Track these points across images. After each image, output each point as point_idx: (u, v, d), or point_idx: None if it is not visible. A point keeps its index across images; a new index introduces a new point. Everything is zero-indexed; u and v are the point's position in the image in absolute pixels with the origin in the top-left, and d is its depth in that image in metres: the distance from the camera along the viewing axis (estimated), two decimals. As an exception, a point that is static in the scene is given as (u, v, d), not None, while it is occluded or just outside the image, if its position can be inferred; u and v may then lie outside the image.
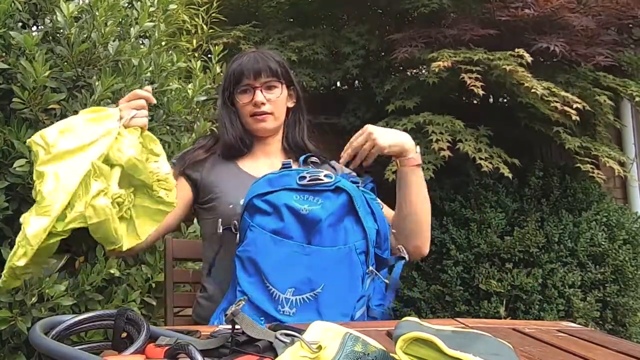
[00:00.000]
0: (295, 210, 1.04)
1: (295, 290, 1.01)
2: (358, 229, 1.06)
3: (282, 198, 1.06)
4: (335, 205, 1.05)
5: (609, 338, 0.96)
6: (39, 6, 1.45)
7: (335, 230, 1.04)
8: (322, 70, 2.91)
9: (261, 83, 1.29)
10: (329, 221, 1.04)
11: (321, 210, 1.04)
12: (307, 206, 1.04)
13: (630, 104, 3.40)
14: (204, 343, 0.67)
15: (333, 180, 1.07)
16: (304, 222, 1.04)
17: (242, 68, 1.30)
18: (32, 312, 1.26)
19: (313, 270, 1.02)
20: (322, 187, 1.06)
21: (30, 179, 1.27)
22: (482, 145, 2.38)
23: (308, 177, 1.08)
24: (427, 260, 2.69)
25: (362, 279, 1.04)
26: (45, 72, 1.24)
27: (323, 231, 1.03)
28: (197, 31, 2.39)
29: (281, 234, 1.04)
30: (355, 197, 1.06)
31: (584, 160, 2.45)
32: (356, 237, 1.05)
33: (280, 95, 1.31)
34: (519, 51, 2.29)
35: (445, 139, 2.30)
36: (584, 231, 2.59)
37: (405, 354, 0.61)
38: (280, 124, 1.35)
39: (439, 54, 2.34)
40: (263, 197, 1.07)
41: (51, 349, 0.58)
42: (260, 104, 1.28)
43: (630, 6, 2.50)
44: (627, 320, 2.63)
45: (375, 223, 1.09)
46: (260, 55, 1.32)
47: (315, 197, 1.06)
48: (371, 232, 1.06)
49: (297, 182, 1.07)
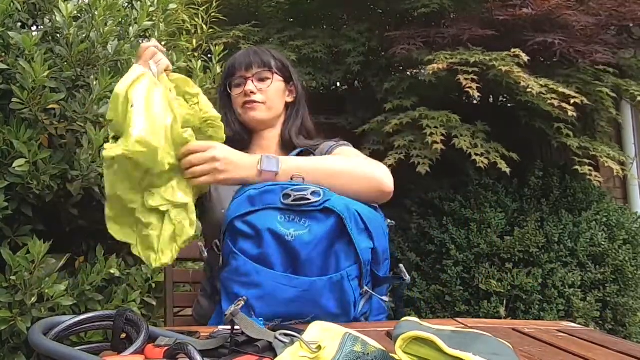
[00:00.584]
0: (280, 235, 0.95)
1: (282, 321, 0.89)
2: (351, 253, 0.96)
3: (265, 220, 0.96)
4: (325, 229, 0.95)
5: (609, 338, 0.96)
6: (38, 6, 1.45)
7: (325, 257, 0.95)
8: (322, 70, 2.92)
9: (253, 74, 1.28)
10: (318, 249, 0.95)
11: (308, 235, 0.94)
12: (293, 230, 0.95)
13: (631, 104, 3.40)
14: (204, 343, 0.67)
15: (321, 199, 0.96)
16: (289, 250, 0.95)
17: (235, 61, 1.30)
18: (32, 312, 1.26)
19: (301, 302, 0.94)
20: (309, 207, 0.96)
21: (29, 179, 1.27)
22: (479, 141, 2.38)
23: (293, 196, 0.96)
24: (427, 260, 2.69)
25: (354, 304, 0.97)
26: (44, 72, 1.24)
27: (312, 259, 0.95)
28: (197, 31, 2.38)
29: (263, 263, 0.95)
30: (346, 217, 0.95)
31: (583, 162, 2.45)
32: (349, 262, 0.96)
33: (272, 85, 1.29)
34: (515, 51, 2.29)
35: (440, 132, 2.30)
36: (584, 231, 2.59)
37: (405, 353, 0.61)
38: (274, 116, 1.32)
39: (436, 57, 2.35)
40: (244, 218, 0.97)
41: (50, 350, 0.58)
42: (250, 92, 1.27)
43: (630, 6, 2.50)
44: (627, 320, 2.63)
45: (370, 241, 0.98)
46: (255, 49, 1.32)
47: (302, 218, 0.96)
48: (365, 254, 0.97)
49: (281, 200, 0.97)
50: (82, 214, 1.42)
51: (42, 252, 1.22)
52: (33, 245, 1.22)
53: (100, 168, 1.36)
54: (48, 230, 1.37)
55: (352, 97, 3.10)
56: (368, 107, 2.84)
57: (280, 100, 1.33)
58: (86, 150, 1.34)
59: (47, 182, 1.29)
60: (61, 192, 1.37)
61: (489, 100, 3.06)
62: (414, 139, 2.40)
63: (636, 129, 3.80)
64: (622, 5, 2.52)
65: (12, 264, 1.22)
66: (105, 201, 1.01)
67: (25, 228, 1.35)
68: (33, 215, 1.35)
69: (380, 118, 2.54)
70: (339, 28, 3.18)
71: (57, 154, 1.34)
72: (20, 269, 1.22)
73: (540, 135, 2.65)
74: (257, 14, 3.22)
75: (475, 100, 2.90)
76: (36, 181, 1.27)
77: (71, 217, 1.42)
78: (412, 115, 2.42)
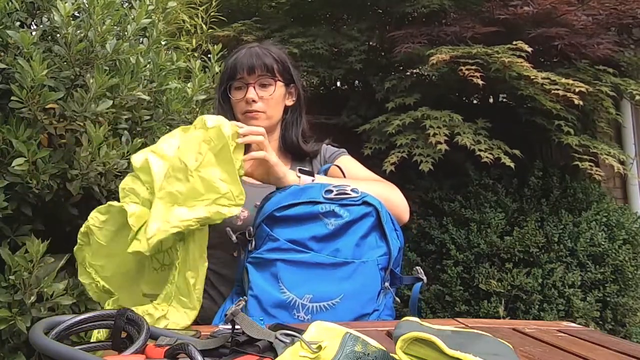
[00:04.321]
0: (320, 223, 1.03)
1: (313, 297, 0.98)
2: (383, 245, 1.05)
3: (306, 210, 1.03)
4: (363, 218, 1.04)
5: (609, 338, 0.95)
6: (37, 5, 1.45)
7: (360, 244, 1.03)
8: (324, 65, 2.92)
9: (255, 79, 1.26)
10: (355, 234, 1.03)
11: (347, 222, 1.03)
12: (334, 220, 1.03)
13: (630, 103, 3.41)
14: (204, 343, 0.66)
15: (360, 195, 1.06)
16: (328, 235, 1.02)
17: (237, 63, 1.27)
18: (32, 312, 1.25)
19: (334, 281, 1.00)
20: (349, 201, 1.05)
21: (29, 178, 1.26)
22: (481, 138, 2.38)
23: (335, 191, 1.05)
24: (427, 260, 2.69)
25: (377, 295, 1.03)
26: (43, 71, 1.23)
27: (348, 244, 1.02)
28: (197, 31, 2.39)
29: (302, 245, 1.02)
30: (382, 212, 1.05)
31: (583, 158, 2.45)
32: (380, 253, 1.04)
33: (274, 93, 1.27)
34: (517, 43, 2.28)
35: (443, 132, 2.30)
36: (584, 231, 2.59)
37: (405, 354, 0.60)
38: (274, 123, 1.31)
39: (438, 50, 2.35)
40: (285, 210, 1.04)
41: (51, 349, 0.58)
42: (252, 100, 1.25)
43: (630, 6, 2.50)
44: (627, 320, 2.63)
45: (398, 241, 1.07)
46: (258, 51, 1.28)
47: (342, 209, 1.04)
48: (395, 250, 1.05)
49: (323, 195, 1.05)
50: (82, 214, 1.42)
51: (41, 251, 1.22)
52: (31, 245, 1.21)
53: (100, 167, 1.35)
54: (48, 230, 1.37)
55: (353, 95, 3.10)
56: (370, 105, 2.84)
57: (281, 107, 1.31)
58: (86, 148, 1.33)
59: (46, 181, 1.29)
60: (61, 191, 1.37)
61: (489, 101, 3.06)
62: (416, 137, 2.40)
63: (636, 129, 3.80)
64: (622, 3, 2.52)
65: (11, 264, 1.22)
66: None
67: (25, 228, 1.34)
68: (33, 215, 1.35)
69: (382, 118, 2.54)
70: (339, 28, 3.18)
71: (56, 153, 1.34)
72: (19, 269, 1.21)
73: (541, 134, 2.65)
74: (257, 14, 3.22)
75: (476, 101, 2.90)
76: (35, 180, 1.27)
77: (71, 217, 1.42)
78: (414, 115, 2.42)
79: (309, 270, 1.01)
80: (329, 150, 1.34)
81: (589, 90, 2.27)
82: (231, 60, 1.30)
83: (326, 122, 2.77)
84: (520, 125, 2.67)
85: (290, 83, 1.33)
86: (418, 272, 1.08)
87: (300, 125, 1.33)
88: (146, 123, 1.60)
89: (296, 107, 1.34)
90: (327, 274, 1.00)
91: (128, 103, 1.52)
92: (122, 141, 1.45)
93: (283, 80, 1.30)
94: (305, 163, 1.31)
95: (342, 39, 2.92)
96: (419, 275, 1.07)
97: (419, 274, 1.07)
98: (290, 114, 1.34)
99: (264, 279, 1.02)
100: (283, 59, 1.31)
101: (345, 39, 2.91)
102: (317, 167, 1.30)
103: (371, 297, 1.02)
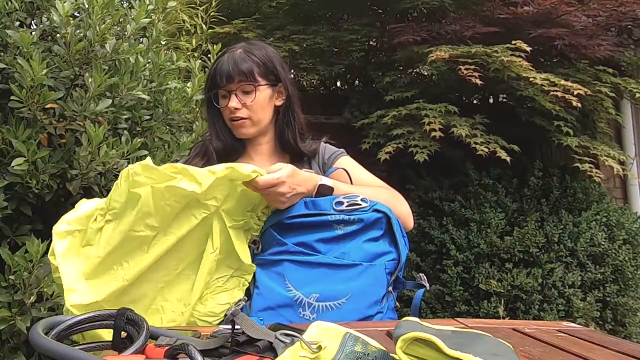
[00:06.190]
0: (329, 231, 1.05)
1: (319, 296, 1.00)
2: (393, 250, 1.07)
3: (317, 220, 1.05)
4: (373, 225, 1.06)
5: (609, 338, 0.95)
6: (36, 5, 1.45)
7: (369, 248, 1.05)
8: (324, 62, 2.92)
9: (235, 86, 1.23)
10: (364, 237, 1.05)
11: (357, 227, 1.05)
12: (343, 225, 1.04)
13: (630, 103, 3.41)
14: (204, 343, 0.66)
15: (370, 204, 1.07)
16: (335, 238, 1.04)
17: (216, 72, 1.24)
18: (32, 312, 1.25)
19: (342, 281, 1.01)
20: (360, 211, 1.06)
21: (29, 178, 1.26)
22: (478, 132, 2.38)
23: (346, 202, 1.07)
24: (427, 260, 2.69)
25: (382, 297, 1.04)
26: (42, 71, 1.23)
27: (356, 247, 1.04)
28: (197, 31, 2.39)
29: (309, 247, 1.04)
30: (393, 218, 1.07)
31: (583, 160, 2.45)
32: (389, 258, 1.06)
33: (256, 98, 1.23)
34: (516, 43, 2.28)
35: (439, 122, 2.30)
36: (584, 231, 2.59)
37: (405, 354, 0.60)
38: (262, 127, 1.27)
39: (437, 49, 2.35)
40: (295, 219, 1.06)
41: (51, 349, 0.58)
42: (234, 109, 1.22)
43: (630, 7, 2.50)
44: (627, 320, 2.63)
45: (405, 247, 1.09)
46: (237, 57, 1.24)
47: (351, 216, 1.05)
48: (403, 256, 1.07)
49: (334, 207, 1.06)
50: (82, 214, 1.42)
51: (41, 251, 1.22)
52: (31, 245, 1.21)
53: (99, 167, 1.35)
54: (48, 230, 1.37)
55: (355, 93, 3.11)
56: (371, 102, 2.85)
57: (269, 109, 1.28)
58: (85, 147, 1.33)
59: (46, 181, 1.29)
60: (60, 191, 1.37)
61: (489, 101, 3.06)
62: (412, 129, 2.41)
63: (636, 129, 3.80)
64: (623, 4, 2.52)
65: (11, 264, 1.22)
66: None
67: (25, 227, 1.34)
68: (32, 215, 1.35)
69: (381, 112, 2.55)
70: (339, 28, 3.18)
71: (56, 152, 1.34)
72: (19, 269, 1.21)
73: (540, 134, 2.65)
74: (257, 13, 3.22)
75: (476, 101, 2.90)
76: (35, 180, 1.27)
77: (71, 217, 1.42)
78: (410, 107, 2.43)
79: (316, 270, 1.02)
80: (328, 150, 1.33)
81: (588, 93, 2.27)
82: (213, 67, 1.27)
83: (326, 122, 2.77)
84: (520, 125, 2.67)
85: (276, 83, 1.28)
86: (421, 278, 1.09)
87: (296, 123, 1.30)
88: (146, 123, 1.60)
89: (287, 106, 1.30)
90: (334, 274, 1.01)
91: (128, 103, 1.52)
92: (122, 141, 1.45)
93: (267, 82, 1.25)
94: (304, 163, 1.30)
95: (343, 35, 2.94)
96: (421, 282, 1.09)
97: (421, 280, 1.09)
98: (282, 114, 1.30)
99: (270, 278, 1.03)
100: (266, 60, 1.26)
101: (346, 33, 2.92)
102: (316, 167, 1.29)
103: (376, 300, 1.03)
